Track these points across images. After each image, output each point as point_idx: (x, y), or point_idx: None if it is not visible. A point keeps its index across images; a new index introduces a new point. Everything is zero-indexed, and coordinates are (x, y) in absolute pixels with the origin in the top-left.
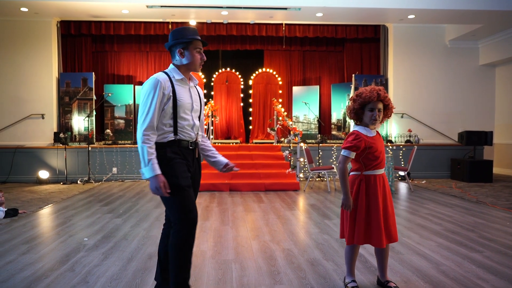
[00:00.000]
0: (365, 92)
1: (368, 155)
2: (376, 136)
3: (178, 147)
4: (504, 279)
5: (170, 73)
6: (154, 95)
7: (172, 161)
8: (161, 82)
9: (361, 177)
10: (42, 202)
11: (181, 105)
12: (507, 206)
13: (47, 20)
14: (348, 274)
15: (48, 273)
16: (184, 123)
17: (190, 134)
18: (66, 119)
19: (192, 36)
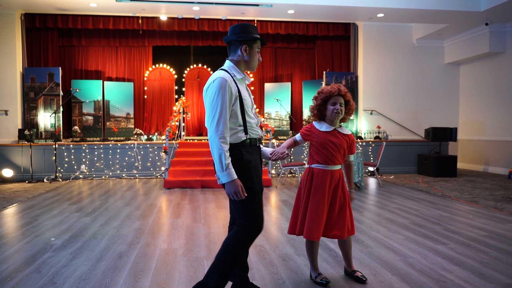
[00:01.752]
0: (326, 88)
1: (315, 149)
2: (332, 132)
3: (250, 146)
4: (467, 270)
5: (230, 72)
6: (224, 95)
7: (248, 165)
8: (228, 82)
9: (310, 169)
10: (6, 201)
11: (246, 104)
12: (470, 200)
13: (10, 12)
14: (312, 269)
15: (13, 275)
16: (251, 121)
17: (258, 131)
18: (32, 116)
19: (257, 34)
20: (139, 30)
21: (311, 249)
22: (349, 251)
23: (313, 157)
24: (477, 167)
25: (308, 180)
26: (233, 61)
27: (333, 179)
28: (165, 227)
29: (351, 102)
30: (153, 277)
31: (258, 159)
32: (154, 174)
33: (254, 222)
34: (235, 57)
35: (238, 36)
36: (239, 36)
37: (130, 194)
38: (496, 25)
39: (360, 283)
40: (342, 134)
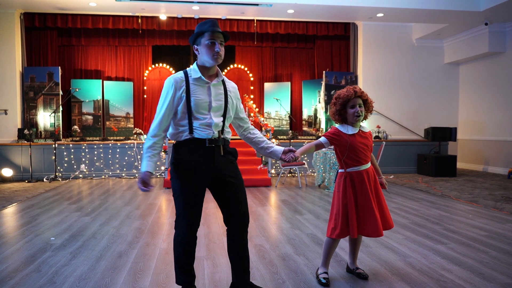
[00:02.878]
0: (342, 92)
1: (349, 154)
2: (358, 133)
3: (195, 146)
4: (466, 270)
5: (189, 72)
6: (166, 96)
7: (180, 165)
8: (174, 83)
9: (345, 174)
10: (5, 201)
11: (196, 104)
12: (469, 199)
13: (9, 11)
14: (323, 265)
15: (13, 275)
16: (200, 122)
17: (208, 132)
18: (31, 115)
19: (202, 29)
20: (139, 30)
21: (331, 248)
22: (358, 247)
23: (346, 162)
24: (477, 167)
25: (348, 185)
26: (197, 62)
27: (370, 177)
28: (164, 227)
29: (369, 100)
30: (153, 277)
31: (205, 159)
32: (153, 174)
33: (180, 224)
34: (197, 58)
35: (191, 40)
36: (191, 40)
37: (130, 193)
38: (495, 25)
39: (362, 279)
40: (365, 133)
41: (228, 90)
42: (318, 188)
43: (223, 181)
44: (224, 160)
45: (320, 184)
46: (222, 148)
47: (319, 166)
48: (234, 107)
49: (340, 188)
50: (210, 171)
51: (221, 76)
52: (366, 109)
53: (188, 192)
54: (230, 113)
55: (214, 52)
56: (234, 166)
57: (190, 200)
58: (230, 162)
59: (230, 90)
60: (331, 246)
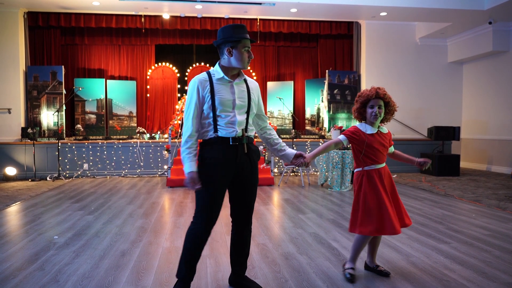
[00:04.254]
0: (365, 91)
1: (366, 152)
2: (376, 134)
3: (219, 144)
4: (470, 269)
5: (212, 72)
6: (192, 97)
7: (205, 162)
8: (198, 83)
9: (363, 172)
10: (9, 199)
11: (221, 103)
12: (473, 199)
13: (13, 10)
14: (350, 261)
15: (16, 273)
16: (224, 120)
17: (232, 130)
18: (34, 114)
19: (241, 34)
20: (142, 29)
21: (362, 245)
22: (378, 245)
23: (364, 160)
24: (480, 166)
25: (365, 182)
26: (221, 63)
27: (386, 174)
28: (167, 226)
29: (391, 102)
30: (155, 275)
31: (228, 158)
32: (156, 173)
33: (200, 219)
34: (223, 59)
35: (221, 38)
36: (222, 38)
37: (133, 192)
38: (499, 24)
39: (384, 277)
40: (384, 134)
41: (250, 88)
42: (321, 187)
43: (241, 180)
44: (247, 159)
45: (323, 183)
46: (246, 146)
47: (322, 165)
48: (256, 105)
49: (361, 186)
50: (232, 169)
51: (243, 75)
52: (388, 111)
53: (211, 189)
54: (254, 110)
55: (248, 59)
56: (254, 166)
57: (212, 197)
58: (253, 161)
59: (252, 88)
60: (362, 243)
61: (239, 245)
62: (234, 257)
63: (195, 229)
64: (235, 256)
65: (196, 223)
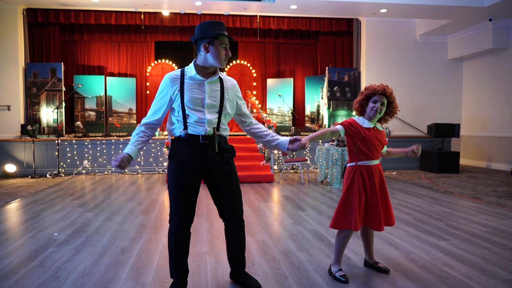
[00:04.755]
0: (372, 85)
1: (361, 145)
2: (372, 129)
3: (188, 142)
4: (469, 266)
5: (185, 70)
6: (161, 92)
7: (174, 160)
8: (169, 81)
9: (356, 167)
10: (9, 196)
11: (190, 101)
12: (472, 196)
13: (12, 7)
14: (336, 263)
15: (16, 270)
16: (193, 118)
17: (202, 129)
18: (34, 111)
19: (219, 31)
20: (141, 26)
21: (343, 243)
22: (372, 241)
23: (357, 155)
24: (480, 163)
25: (357, 177)
26: (197, 62)
27: (377, 172)
28: (167, 223)
29: (395, 104)
30: (155, 272)
31: (197, 156)
32: (156, 170)
33: (174, 220)
34: (199, 56)
35: (200, 34)
36: (200, 34)
37: (133, 189)
38: (499, 21)
39: (384, 273)
40: (380, 131)
41: (225, 87)
42: (320, 184)
43: (216, 178)
44: (219, 157)
45: (323, 180)
46: (217, 145)
47: (322, 162)
48: (232, 104)
49: (349, 181)
50: (203, 167)
51: (217, 73)
52: (389, 111)
53: (180, 187)
54: (227, 110)
55: (225, 56)
56: (228, 163)
57: (182, 195)
58: (225, 159)
59: (228, 87)
60: (342, 241)
61: (234, 244)
62: (230, 255)
63: (172, 229)
64: (231, 254)
65: (172, 223)
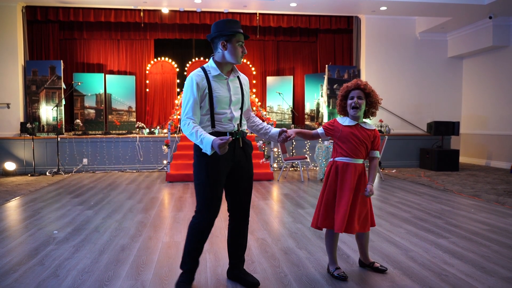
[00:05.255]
0: (345, 84)
1: (339, 142)
2: (355, 126)
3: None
4: (468, 264)
5: (207, 69)
6: (190, 94)
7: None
8: (196, 81)
9: (333, 163)
10: (8, 194)
11: (218, 100)
12: (472, 194)
13: (11, 5)
14: (331, 263)
15: (16, 268)
16: (221, 116)
17: (229, 126)
18: (33, 109)
19: (235, 29)
20: (141, 23)
21: (332, 243)
22: (366, 244)
23: (337, 150)
24: (479, 161)
25: (332, 173)
26: (215, 58)
27: (356, 172)
28: (167, 221)
29: (373, 94)
30: (155, 270)
31: (230, 151)
32: (156, 168)
33: (202, 212)
34: (217, 53)
35: (217, 32)
36: (217, 32)
37: (132, 187)
38: (499, 19)
39: (380, 273)
40: (365, 129)
41: (242, 83)
42: (320, 182)
43: (238, 172)
44: (242, 152)
45: (322, 178)
46: (241, 140)
47: (321, 160)
48: (248, 99)
49: (326, 177)
50: (230, 162)
51: (236, 71)
52: (369, 103)
53: (213, 182)
54: (246, 105)
55: (241, 54)
56: (249, 159)
57: (214, 190)
58: (248, 154)
59: (244, 83)
60: (331, 240)
61: (237, 238)
62: (232, 250)
63: (198, 223)
64: (233, 248)
65: (199, 217)
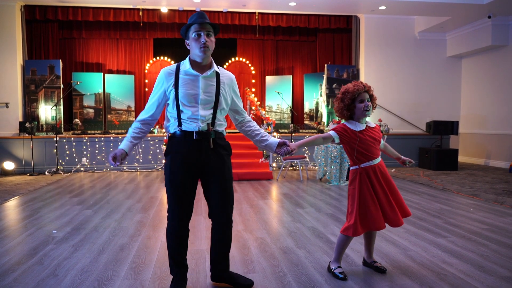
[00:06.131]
0: (351, 87)
1: (359, 149)
2: (366, 129)
3: (182, 138)
4: (467, 263)
5: (181, 65)
6: (156, 87)
7: (168, 156)
8: (164, 75)
9: (360, 170)
10: (7, 194)
11: (184, 97)
12: (471, 193)
13: (10, 4)
14: (335, 261)
15: (15, 267)
16: (187, 114)
17: (195, 125)
18: (32, 108)
19: (189, 23)
20: (140, 23)
21: (345, 244)
22: (373, 241)
23: (359, 159)
24: (478, 161)
25: (364, 180)
26: (190, 56)
27: (382, 170)
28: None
29: (374, 96)
30: (154, 270)
31: (191, 152)
32: (155, 167)
33: (172, 216)
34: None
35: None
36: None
37: (132, 187)
38: (499, 18)
39: (380, 273)
40: (372, 128)
41: (221, 82)
42: (319, 182)
43: (209, 174)
44: (213, 153)
45: (322, 178)
46: (212, 141)
47: (321, 160)
48: (228, 99)
49: (356, 185)
50: (197, 164)
51: (214, 67)
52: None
53: (176, 184)
54: (223, 105)
55: (200, 44)
56: (223, 160)
57: (179, 192)
58: (220, 156)
59: (224, 82)
60: (345, 243)
61: (219, 242)
62: (215, 255)
63: (170, 226)
64: (215, 253)
65: (170, 220)
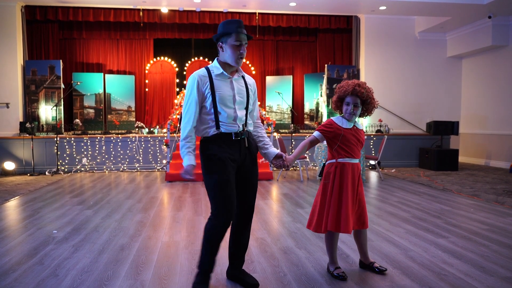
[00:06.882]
0: (343, 86)
1: (341, 144)
2: (352, 128)
3: (222, 140)
4: (467, 263)
5: (211, 69)
6: (191, 93)
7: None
8: (197, 80)
9: (336, 164)
10: (8, 194)
11: (221, 99)
12: (471, 193)
13: (10, 4)
14: (331, 262)
15: (16, 267)
16: (225, 116)
17: (233, 127)
18: (33, 108)
19: (230, 30)
20: (140, 23)
21: (332, 243)
22: (365, 243)
23: (339, 152)
24: (479, 161)
25: (337, 174)
26: (219, 59)
27: (356, 172)
28: (166, 220)
29: (370, 100)
30: (154, 270)
31: (233, 152)
32: (155, 167)
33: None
34: (219, 54)
35: (217, 33)
36: (218, 33)
37: (132, 187)
38: (499, 18)
39: (380, 274)
40: (358, 130)
41: (248, 84)
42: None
43: (243, 173)
44: (248, 152)
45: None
46: (247, 141)
47: (321, 160)
48: (253, 101)
49: (329, 179)
50: (237, 163)
51: (241, 72)
52: (366, 108)
53: (223, 183)
54: (250, 106)
55: (238, 53)
56: (254, 159)
57: (228, 191)
58: (254, 155)
59: (250, 84)
60: (332, 241)
61: (240, 238)
62: (234, 250)
63: (215, 225)
64: (235, 249)
65: (215, 220)
